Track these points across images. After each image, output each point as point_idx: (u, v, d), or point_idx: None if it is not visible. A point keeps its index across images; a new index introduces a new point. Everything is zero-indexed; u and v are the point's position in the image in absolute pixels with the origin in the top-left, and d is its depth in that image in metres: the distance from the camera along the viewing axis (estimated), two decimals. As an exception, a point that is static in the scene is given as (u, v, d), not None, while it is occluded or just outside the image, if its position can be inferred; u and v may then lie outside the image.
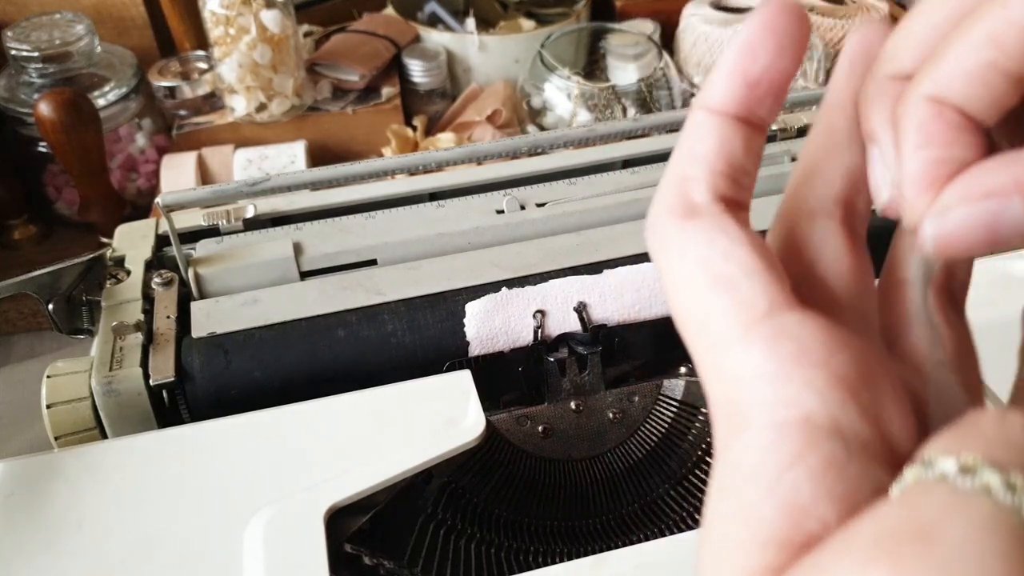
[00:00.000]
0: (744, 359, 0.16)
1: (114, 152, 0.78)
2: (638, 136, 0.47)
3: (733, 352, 0.16)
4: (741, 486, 0.16)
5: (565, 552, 0.34)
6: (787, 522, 0.15)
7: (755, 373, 0.16)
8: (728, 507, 0.16)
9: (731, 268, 0.17)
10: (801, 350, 0.16)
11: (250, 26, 0.75)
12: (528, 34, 0.89)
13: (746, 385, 0.16)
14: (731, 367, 0.16)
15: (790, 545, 0.15)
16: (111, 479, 0.29)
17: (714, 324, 0.17)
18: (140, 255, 0.42)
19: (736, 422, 0.16)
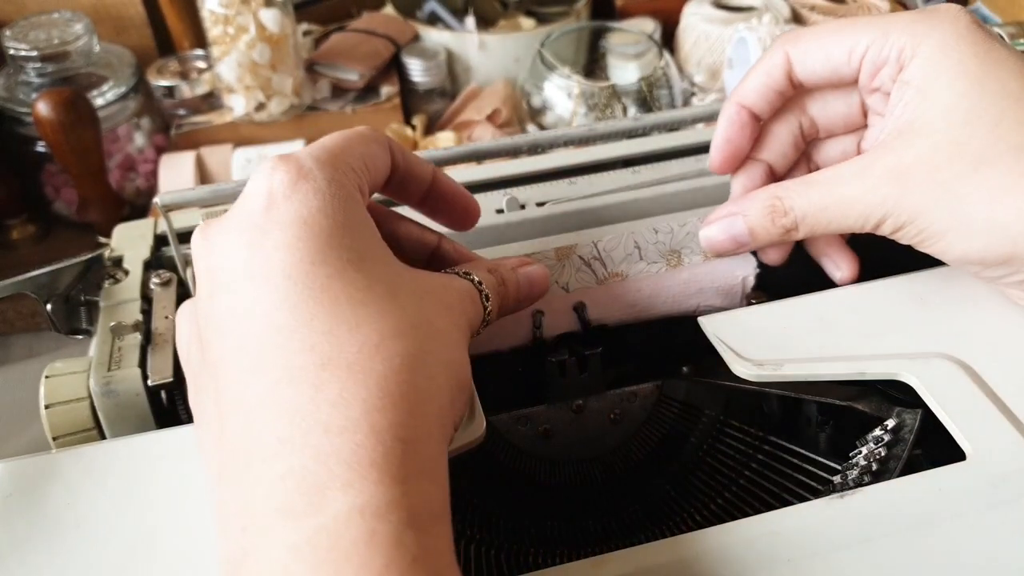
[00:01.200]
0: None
1: (112, 152, 0.77)
2: (638, 135, 0.47)
3: None
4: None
5: (565, 553, 0.34)
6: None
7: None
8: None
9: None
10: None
11: (249, 25, 0.75)
12: (528, 33, 0.88)
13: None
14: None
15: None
16: (109, 480, 0.29)
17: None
18: (138, 255, 0.42)
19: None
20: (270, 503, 0.20)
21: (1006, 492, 0.27)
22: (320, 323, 0.23)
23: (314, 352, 0.22)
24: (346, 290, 0.23)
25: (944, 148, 0.29)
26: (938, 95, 0.30)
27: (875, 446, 0.31)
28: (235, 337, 0.23)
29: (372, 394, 0.22)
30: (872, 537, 0.26)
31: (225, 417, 0.23)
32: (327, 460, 0.20)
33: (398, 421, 0.22)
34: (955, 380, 0.31)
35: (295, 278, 0.23)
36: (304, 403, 0.21)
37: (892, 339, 0.33)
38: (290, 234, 0.24)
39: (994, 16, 0.90)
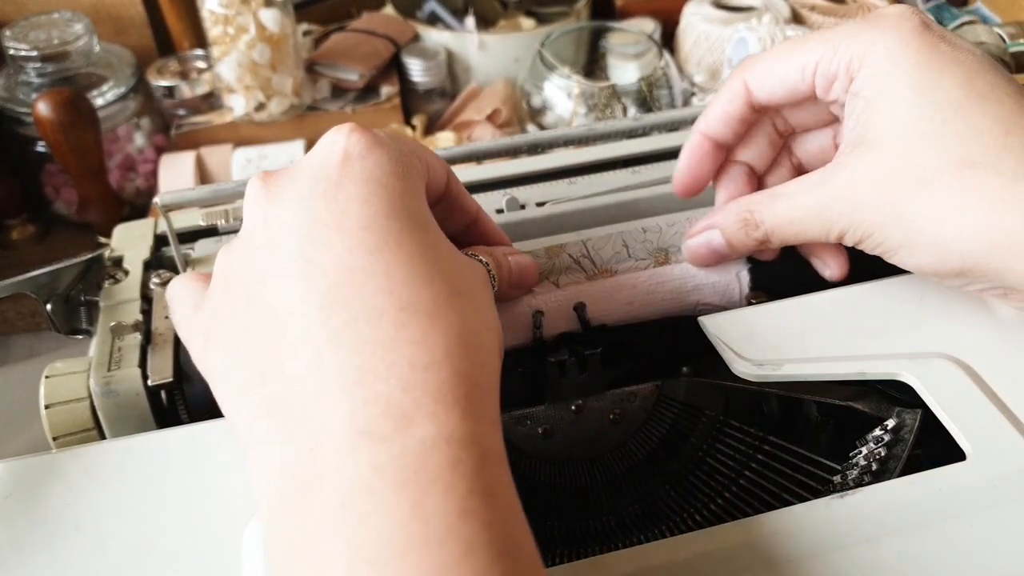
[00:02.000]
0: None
1: (112, 152, 0.77)
2: (638, 135, 0.47)
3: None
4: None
5: (565, 553, 0.34)
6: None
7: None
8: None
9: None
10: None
11: (249, 25, 0.75)
12: (528, 33, 0.88)
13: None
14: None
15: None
16: (109, 480, 0.29)
17: None
18: (138, 255, 0.42)
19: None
20: (352, 425, 0.22)
21: (1006, 492, 0.27)
22: (397, 272, 0.24)
23: (393, 295, 0.24)
24: (418, 247, 0.25)
25: (891, 163, 0.30)
26: (885, 106, 0.30)
27: (875, 446, 0.31)
28: (299, 279, 0.24)
29: (451, 340, 0.23)
30: (872, 537, 0.26)
31: (282, 352, 0.24)
32: (413, 391, 0.22)
33: (471, 368, 0.23)
34: (955, 380, 0.31)
35: (372, 229, 0.25)
36: (386, 339, 0.23)
37: (892, 339, 0.33)
38: (366, 190, 0.25)
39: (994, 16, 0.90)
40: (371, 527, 0.20)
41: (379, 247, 0.24)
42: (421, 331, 0.23)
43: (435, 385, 0.22)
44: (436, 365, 0.23)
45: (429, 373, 0.22)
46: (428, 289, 0.24)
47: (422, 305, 0.24)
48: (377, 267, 0.24)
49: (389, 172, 0.26)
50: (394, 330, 0.23)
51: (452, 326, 0.24)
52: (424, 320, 0.23)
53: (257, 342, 0.25)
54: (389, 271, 0.24)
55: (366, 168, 0.26)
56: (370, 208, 0.25)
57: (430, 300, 0.24)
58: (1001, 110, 0.29)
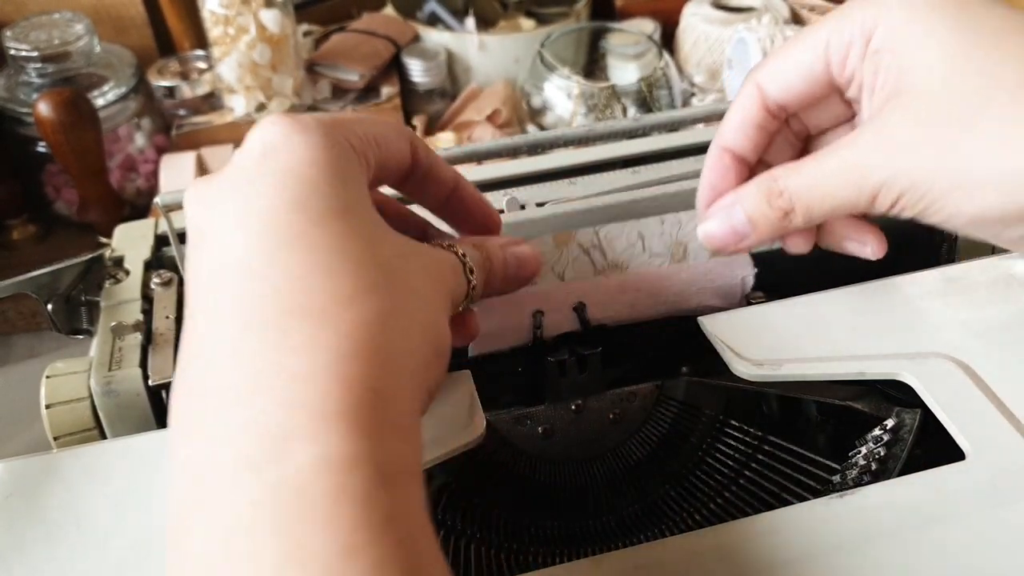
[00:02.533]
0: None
1: (113, 152, 0.78)
2: (638, 136, 0.47)
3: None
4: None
5: (565, 553, 0.34)
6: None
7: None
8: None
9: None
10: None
11: (249, 26, 0.75)
12: (528, 33, 0.89)
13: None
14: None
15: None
16: (110, 479, 0.29)
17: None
18: (139, 255, 0.42)
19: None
20: (229, 453, 0.19)
21: (1005, 492, 0.27)
22: (293, 270, 0.22)
23: (281, 297, 0.21)
24: (324, 238, 0.23)
25: (935, 103, 0.27)
26: (914, 53, 0.28)
27: (874, 446, 0.31)
28: (209, 286, 0.23)
29: (342, 343, 0.21)
30: (872, 537, 0.26)
31: (187, 364, 0.22)
32: (291, 408, 0.19)
33: (369, 372, 0.21)
34: (954, 380, 0.31)
35: (272, 225, 0.23)
36: (269, 350, 0.21)
37: (892, 339, 0.33)
38: (275, 182, 0.23)
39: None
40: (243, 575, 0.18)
41: (278, 245, 0.22)
42: (307, 336, 0.21)
43: (317, 398, 0.19)
44: (320, 374, 0.20)
45: (309, 384, 0.20)
46: (325, 284, 0.22)
47: (315, 305, 0.21)
48: (273, 267, 0.22)
49: (306, 160, 0.24)
50: (279, 336, 0.21)
51: (345, 325, 0.21)
52: (313, 323, 0.21)
53: (182, 355, 0.23)
54: (285, 269, 0.22)
55: (280, 159, 0.24)
56: (275, 202, 0.23)
57: (325, 299, 0.21)
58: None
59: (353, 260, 0.23)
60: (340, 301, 0.21)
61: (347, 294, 0.22)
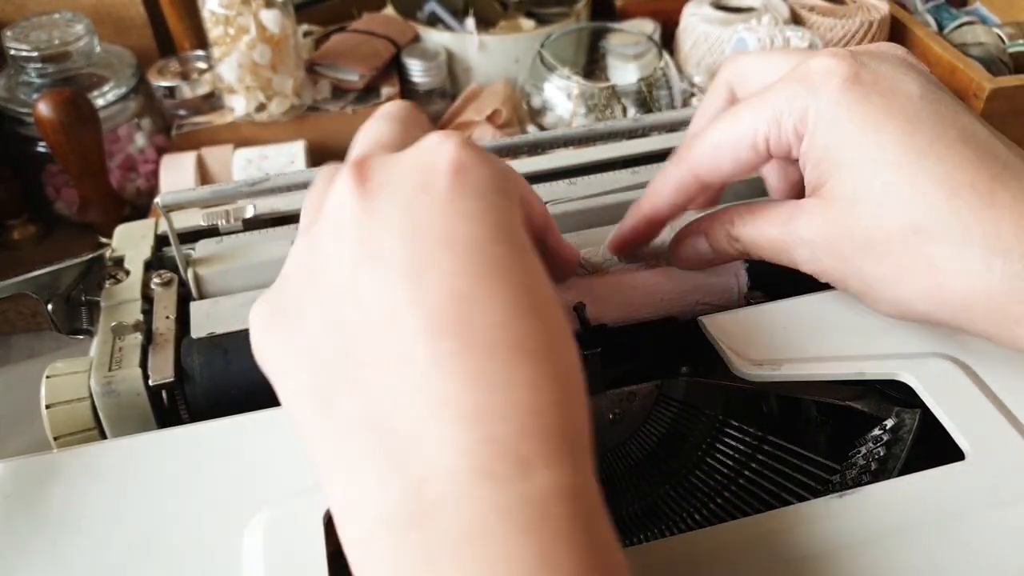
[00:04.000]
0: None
1: (113, 152, 0.78)
2: (638, 136, 0.47)
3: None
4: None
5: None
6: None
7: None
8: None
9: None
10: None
11: (249, 26, 0.75)
12: (528, 34, 0.89)
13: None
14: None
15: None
16: (110, 479, 0.29)
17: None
18: (139, 255, 0.42)
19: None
20: (469, 463, 0.20)
21: (1006, 492, 0.27)
22: (506, 304, 0.23)
23: (505, 331, 0.22)
24: (523, 277, 0.23)
25: (843, 222, 0.29)
26: (830, 167, 0.29)
27: (874, 446, 0.32)
28: (403, 288, 0.23)
29: (559, 385, 0.22)
30: (871, 537, 0.26)
31: (378, 365, 0.22)
32: (531, 438, 0.21)
33: (578, 415, 0.22)
34: (954, 380, 0.31)
35: (481, 252, 0.23)
36: (502, 379, 0.22)
37: (891, 339, 0.33)
38: (476, 206, 0.24)
39: (993, 16, 0.90)
40: (498, 570, 0.19)
41: (488, 274, 0.23)
42: (534, 373, 0.22)
43: (550, 432, 0.21)
44: (549, 411, 0.21)
45: (543, 419, 0.21)
46: (536, 326, 0.23)
47: (532, 344, 0.22)
48: (487, 296, 0.22)
49: (496, 190, 0.24)
50: (509, 369, 0.22)
51: (559, 369, 0.22)
52: (535, 361, 0.22)
53: (343, 344, 0.23)
54: (497, 302, 0.22)
55: (476, 182, 0.24)
56: (479, 228, 0.23)
57: (539, 339, 0.22)
58: (942, 168, 0.27)
59: (544, 301, 0.24)
60: (548, 343, 0.23)
61: (549, 336, 0.23)
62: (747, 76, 0.34)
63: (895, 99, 0.28)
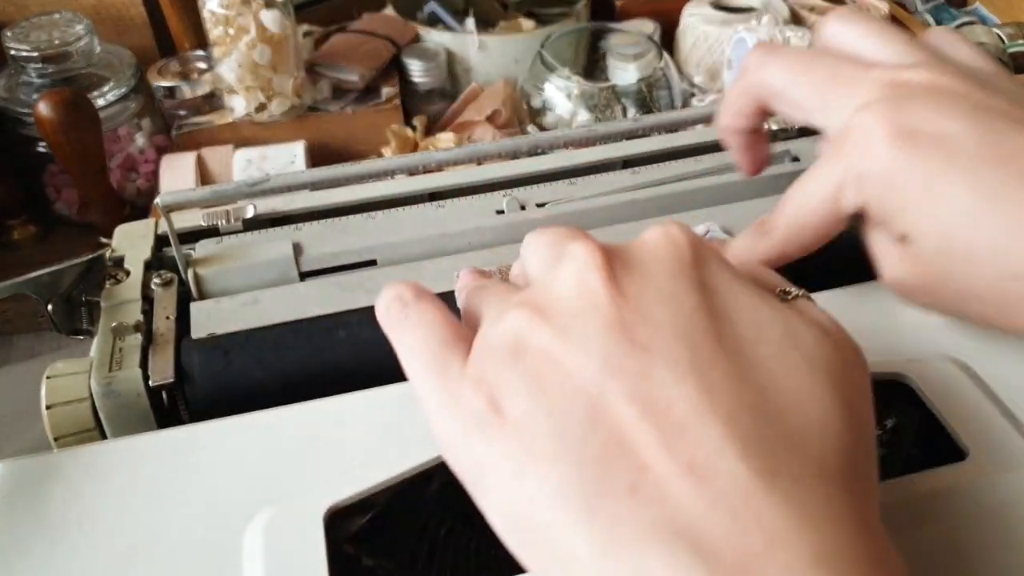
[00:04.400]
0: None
1: (113, 152, 0.78)
2: (638, 136, 0.47)
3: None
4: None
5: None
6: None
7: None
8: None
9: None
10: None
11: (249, 26, 0.75)
12: (528, 34, 0.89)
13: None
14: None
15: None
16: (110, 480, 0.29)
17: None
18: (139, 255, 0.42)
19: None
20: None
21: (1006, 492, 0.27)
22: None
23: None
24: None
25: (931, 276, 0.28)
26: (908, 226, 0.28)
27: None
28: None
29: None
30: (871, 537, 0.26)
31: (680, 497, 0.18)
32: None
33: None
34: (955, 380, 0.31)
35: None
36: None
37: (892, 339, 0.33)
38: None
39: (993, 17, 0.90)
40: None
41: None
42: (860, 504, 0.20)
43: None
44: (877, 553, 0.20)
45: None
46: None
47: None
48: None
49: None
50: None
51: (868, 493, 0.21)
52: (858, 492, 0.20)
53: (616, 454, 0.19)
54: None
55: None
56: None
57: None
58: (1018, 208, 0.25)
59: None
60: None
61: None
62: (779, 94, 0.31)
63: (944, 145, 0.26)
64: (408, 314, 0.24)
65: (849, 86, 0.29)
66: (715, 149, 0.49)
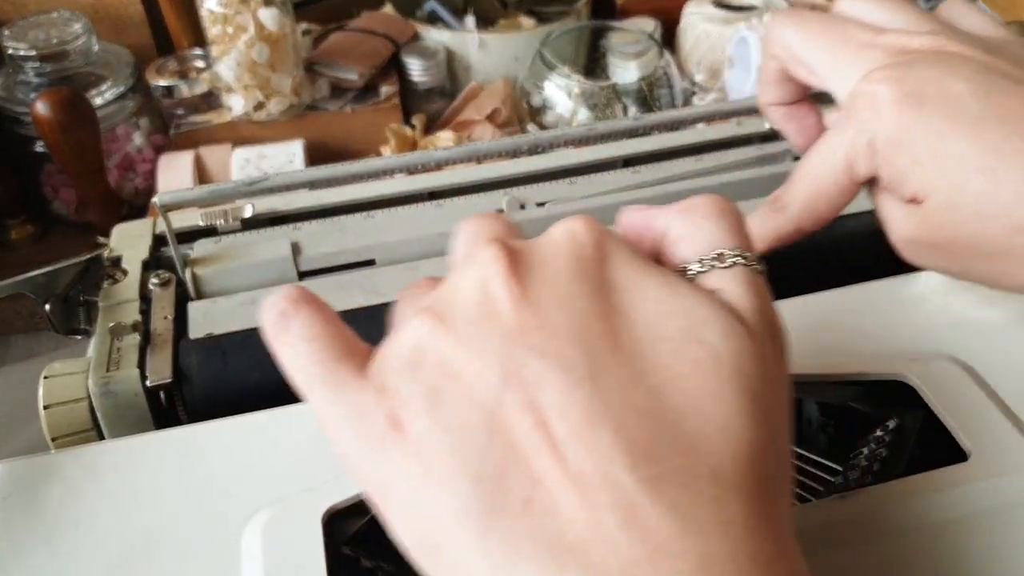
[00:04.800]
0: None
1: (111, 151, 0.77)
2: (639, 135, 0.46)
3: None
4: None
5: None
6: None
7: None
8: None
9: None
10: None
11: (248, 24, 0.75)
12: (528, 32, 0.88)
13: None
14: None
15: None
16: (108, 480, 0.29)
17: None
18: (137, 255, 0.42)
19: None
20: None
21: (1007, 492, 0.27)
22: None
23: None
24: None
25: (940, 231, 0.28)
26: (918, 184, 0.28)
27: (876, 447, 0.31)
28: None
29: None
30: (873, 538, 0.26)
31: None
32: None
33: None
34: (956, 380, 0.30)
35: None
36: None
37: (892, 339, 0.33)
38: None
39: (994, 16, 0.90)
40: None
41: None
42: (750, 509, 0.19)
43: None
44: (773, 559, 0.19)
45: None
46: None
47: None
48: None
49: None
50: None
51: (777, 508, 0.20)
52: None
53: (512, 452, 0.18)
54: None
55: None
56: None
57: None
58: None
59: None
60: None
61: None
62: (795, 56, 0.32)
63: (949, 105, 0.27)
64: (290, 327, 0.22)
65: (860, 50, 0.30)
66: (716, 148, 0.49)
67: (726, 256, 0.22)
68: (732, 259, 0.22)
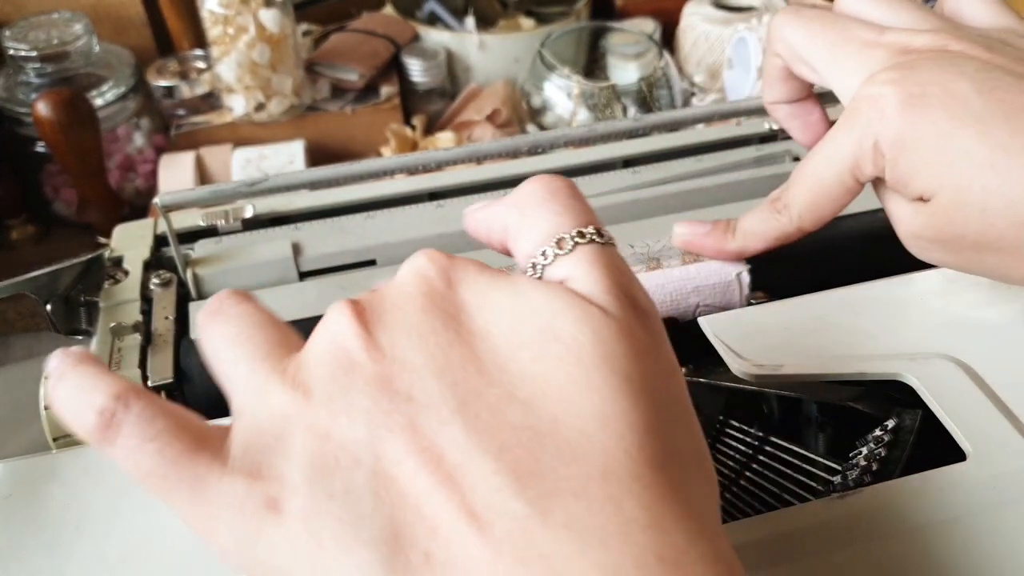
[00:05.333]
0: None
1: (112, 152, 0.77)
2: (638, 135, 0.47)
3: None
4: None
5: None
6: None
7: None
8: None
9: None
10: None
11: (249, 25, 0.75)
12: (528, 33, 0.88)
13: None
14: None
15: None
16: (109, 480, 0.29)
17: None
18: (138, 255, 0.42)
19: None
20: None
21: (1006, 492, 0.27)
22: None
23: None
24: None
25: (949, 228, 0.28)
26: (925, 183, 0.28)
27: (875, 446, 0.31)
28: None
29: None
30: (872, 537, 0.26)
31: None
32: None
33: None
34: (955, 380, 0.31)
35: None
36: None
37: (892, 339, 0.33)
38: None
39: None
40: None
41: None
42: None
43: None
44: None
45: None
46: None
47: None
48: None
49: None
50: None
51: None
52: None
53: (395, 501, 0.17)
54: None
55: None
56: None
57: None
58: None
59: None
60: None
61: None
62: (797, 53, 0.32)
63: (952, 103, 0.27)
64: (122, 430, 0.19)
65: (862, 49, 0.30)
66: (715, 149, 0.49)
67: (565, 241, 0.21)
68: (572, 242, 0.21)
